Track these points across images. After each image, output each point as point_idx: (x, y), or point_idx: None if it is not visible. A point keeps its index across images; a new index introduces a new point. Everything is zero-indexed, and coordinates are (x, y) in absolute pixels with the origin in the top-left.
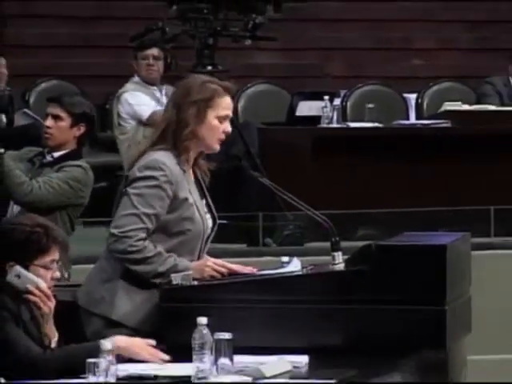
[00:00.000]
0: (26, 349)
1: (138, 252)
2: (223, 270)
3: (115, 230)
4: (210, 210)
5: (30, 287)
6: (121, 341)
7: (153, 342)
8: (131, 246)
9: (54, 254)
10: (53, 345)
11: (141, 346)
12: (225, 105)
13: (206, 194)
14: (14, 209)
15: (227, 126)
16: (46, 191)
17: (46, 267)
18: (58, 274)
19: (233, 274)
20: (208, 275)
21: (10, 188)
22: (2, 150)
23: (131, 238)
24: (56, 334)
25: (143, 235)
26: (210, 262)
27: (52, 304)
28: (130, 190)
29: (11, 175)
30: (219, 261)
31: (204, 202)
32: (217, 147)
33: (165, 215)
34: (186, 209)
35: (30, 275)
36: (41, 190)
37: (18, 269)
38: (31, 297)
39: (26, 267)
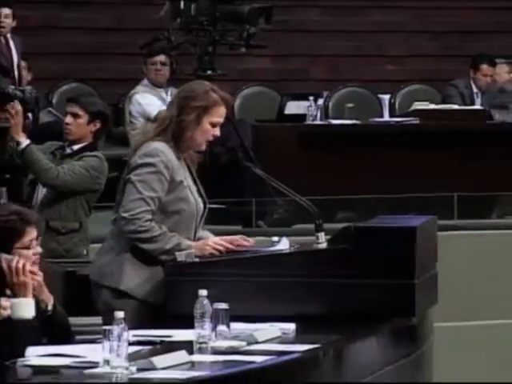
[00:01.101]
0: None
1: (146, 232)
2: (222, 248)
3: (126, 214)
4: (200, 195)
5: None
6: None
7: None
8: (140, 227)
9: (31, 235)
10: (49, 308)
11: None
12: (220, 113)
13: (197, 181)
14: (39, 194)
15: (216, 131)
16: (70, 176)
17: (26, 247)
18: (39, 250)
19: (230, 251)
20: (208, 253)
21: (39, 173)
22: (29, 141)
23: (140, 219)
24: (51, 299)
25: (149, 216)
26: (211, 241)
27: (39, 276)
28: (133, 177)
29: (39, 162)
30: (219, 240)
31: (196, 188)
32: (203, 147)
33: (164, 197)
34: (180, 190)
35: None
36: (65, 175)
37: None
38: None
39: (8, 251)
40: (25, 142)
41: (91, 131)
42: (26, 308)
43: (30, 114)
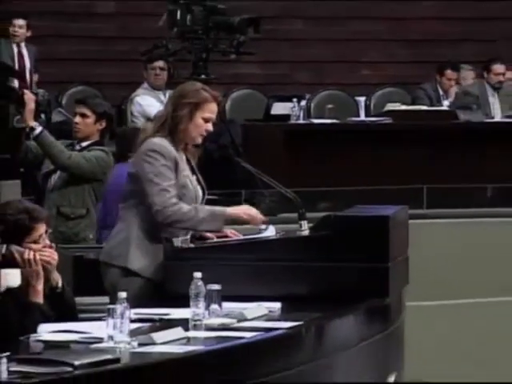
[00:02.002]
0: None
1: (178, 212)
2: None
3: (156, 207)
4: (199, 183)
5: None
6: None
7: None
8: (172, 212)
9: (40, 230)
10: (59, 285)
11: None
12: (211, 109)
13: (196, 171)
14: (53, 181)
15: (209, 126)
16: (82, 159)
17: (35, 242)
18: (48, 242)
19: (223, 236)
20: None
21: (54, 155)
22: (42, 127)
23: (168, 207)
24: (60, 279)
25: (175, 200)
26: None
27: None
28: (145, 173)
29: (54, 146)
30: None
31: (195, 177)
32: (199, 140)
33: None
34: (181, 178)
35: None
36: (77, 157)
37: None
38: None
39: (19, 245)
40: (39, 127)
41: (98, 130)
42: (13, 278)
43: (42, 115)
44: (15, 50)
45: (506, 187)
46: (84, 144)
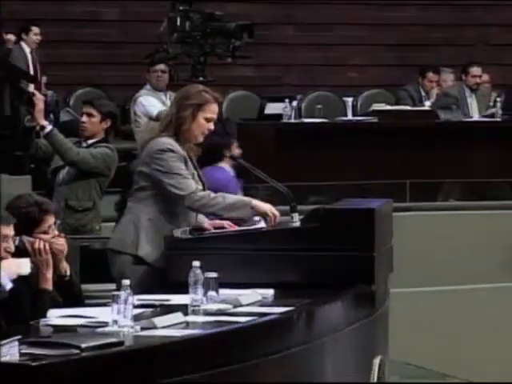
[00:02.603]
0: None
1: (206, 198)
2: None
3: (183, 192)
4: (200, 180)
5: (27, 246)
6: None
7: None
8: (202, 197)
9: (48, 222)
10: (68, 273)
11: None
12: (212, 110)
13: (197, 167)
14: (61, 176)
15: (210, 125)
16: (89, 155)
17: (45, 232)
18: (56, 233)
19: (220, 228)
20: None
21: (63, 152)
22: (52, 126)
23: (195, 192)
24: (68, 267)
25: (195, 186)
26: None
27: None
28: (162, 168)
29: (63, 143)
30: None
31: (196, 173)
32: (200, 139)
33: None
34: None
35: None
36: (85, 154)
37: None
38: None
39: (30, 235)
40: (49, 126)
41: (103, 128)
42: (23, 266)
43: (51, 115)
44: (29, 55)
45: (482, 182)
46: (90, 142)
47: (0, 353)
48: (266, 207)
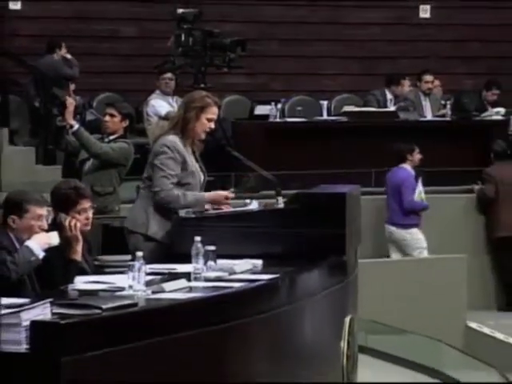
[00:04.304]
0: None
1: (170, 197)
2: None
3: (156, 188)
4: (201, 170)
5: (63, 222)
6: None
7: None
8: (167, 195)
9: (83, 205)
10: (79, 259)
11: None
12: (213, 112)
13: (199, 160)
14: (87, 166)
15: (212, 125)
16: (109, 149)
17: (79, 213)
18: (90, 215)
19: (218, 209)
20: (219, 199)
21: (88, 146)
22: (79, 125)
23: (165, 190)
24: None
25: (172, 186)
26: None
27: (84, 230)
28: (157, 162)
29: (88, 139)
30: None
31: (198, 165)
32: (203, 136)
33: (179, 173)
34: (188, 168)
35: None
36: (106, 148)
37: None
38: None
39: (67, 214)
40: (76, 125)
41: (122, 127)
42: (52, 238)
43: (78, 116)
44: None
45: (437, 171)
46: (111, 137)
47: (35, 312)
48: (219, 197)
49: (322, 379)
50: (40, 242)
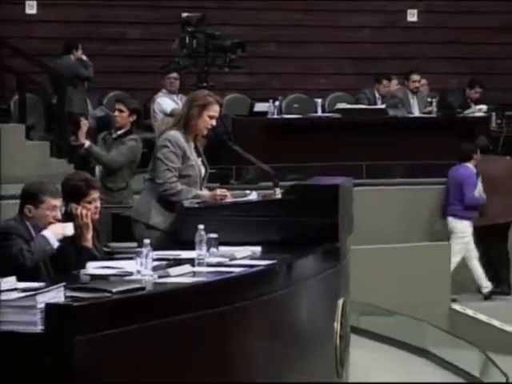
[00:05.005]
0: None
1: (172, 189)
2: (223, 196)
3: (159, 180)
4: (203, 164)
5: (74, 212)
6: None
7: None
8: (169, 188)
9: (93, 195)
10: (90, 246)
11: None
12: (214, 110)
13: (202, 154)
14: (97, 171)
15: (213, 122)
16: (120, 156)
17: (89, 203)
18: (98, 205)
19: (222, 198)
20: (217, 198)
21: (99, 160)
22: (89, 142)
23: (168, 182)
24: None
25: (174, 179)
26: (218, 191)
27: (93, 219)
28: (160, 155)
29: (98, 154)
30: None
31: (200, 159)
32: (205, 132)
33: (180, 165)
34: (188, 161)
35: (74, 206)
36: (115, 156)
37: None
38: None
39: (78, 204)
40: (87, 143)
41: (130, 121)
42: (67, 229)
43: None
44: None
45: (424, 164)
46: (119, 132)
47: (49, 295)
48: (207, 196)
49: (316, 358)
50: (55, 233)
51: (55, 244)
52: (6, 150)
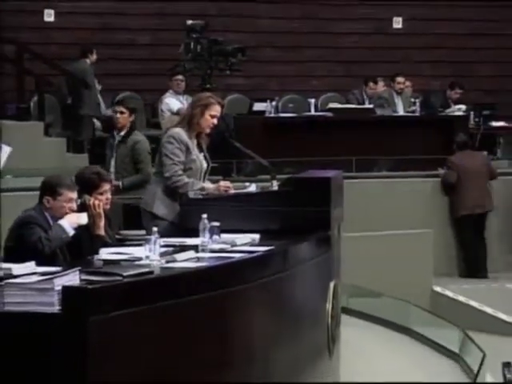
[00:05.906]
0: None
1: (180, 181)
2: (227, 188)
3: (167, 174)
4: (206, 159)
5: (88, 203)
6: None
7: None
8: (177, 180)
9: (104, 187)
10: (103, 234)
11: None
12: (216, 109)
13: (204, 150)
14: (112, 165)
15: (214, 121)
16: (146, 165)
17: (101, 194)
18: (109, 196)
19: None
20: (221, 191)
21: (140, 184)
22: (120, 183)
23: (175, 175)
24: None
25: (180, 172)
26: (222, 183)
27: (105, 209)
28: (166, 151)
29: (134, 181)
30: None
31: (202, 154)
32: (207, 130)
33: (184, 159)
34: (191, 156)
35: (87, 198)
36: (148, 170)
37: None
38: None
39: (90, 195)
40: (119, 183)
41: (130, 121)
42: (82, 218)
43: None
44: (90, 69)
45: (408, 158)
46: (122, 133)
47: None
48: (212, 188)
49: (310, 335)
50: (71, 222)
51: (71, 232)
52: (26, 145)
